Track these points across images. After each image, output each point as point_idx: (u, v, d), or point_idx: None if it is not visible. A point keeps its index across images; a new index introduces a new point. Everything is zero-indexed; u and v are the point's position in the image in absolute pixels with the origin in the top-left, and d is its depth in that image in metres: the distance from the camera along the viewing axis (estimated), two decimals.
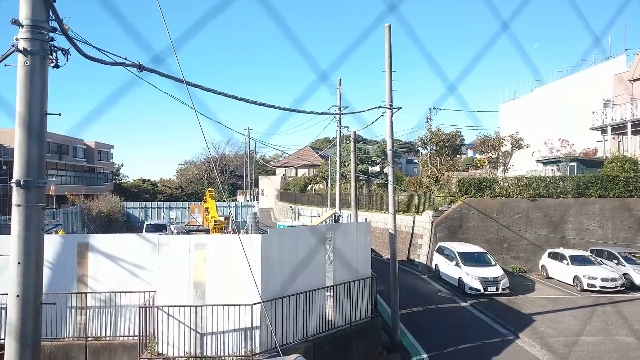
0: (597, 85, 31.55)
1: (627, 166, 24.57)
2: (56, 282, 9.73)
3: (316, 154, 60.73)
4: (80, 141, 49.01)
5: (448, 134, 35.39)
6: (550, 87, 37.59)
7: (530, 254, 22.59)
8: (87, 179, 48.64)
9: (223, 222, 24.13)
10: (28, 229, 4.72)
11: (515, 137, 29.84)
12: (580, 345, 12.43)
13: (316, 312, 10.30)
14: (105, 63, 5.36)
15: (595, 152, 31.57)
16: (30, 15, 4.70)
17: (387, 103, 13.63)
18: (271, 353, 8.84)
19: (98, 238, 10.54)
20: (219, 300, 8.96)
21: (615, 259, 19.80)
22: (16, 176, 4.72)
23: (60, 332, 9.76)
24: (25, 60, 4.71)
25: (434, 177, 31.72)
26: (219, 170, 66.48)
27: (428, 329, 14.16)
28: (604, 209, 22.96)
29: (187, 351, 8.86)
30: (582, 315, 15.18)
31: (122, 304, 9.84)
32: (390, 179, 13.95)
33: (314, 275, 10.48)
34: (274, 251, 9.52)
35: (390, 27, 13.58)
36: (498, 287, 17.58)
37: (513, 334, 13.50)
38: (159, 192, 64.72)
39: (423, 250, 23.67)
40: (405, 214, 26.35)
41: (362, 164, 43.89)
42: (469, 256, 19.19)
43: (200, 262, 9.29)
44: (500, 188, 23.66)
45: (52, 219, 26.50)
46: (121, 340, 9.71)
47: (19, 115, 4.72)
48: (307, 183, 55.93)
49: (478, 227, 22.99)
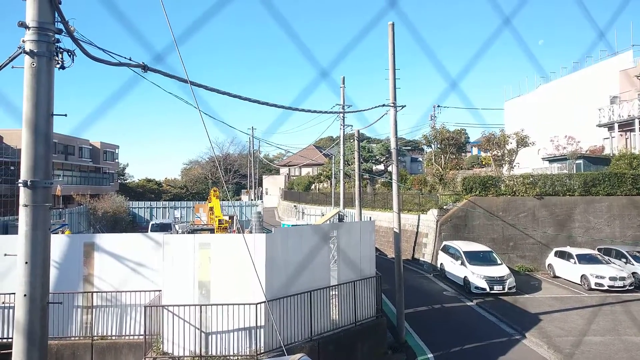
0: (603, 82, 31.25)
1: (635, 163, 24.33)
2: (63, 282, 9.80)
3: (320, 152, 60.68)
4: (86, 141, 49.33)
5: (453, 132, 35.23)
6: (555, 84, 37.29)
7: (536, 253, 22.45)
8: (92, 179, 48.95)
9: (227, 221, 24.17)
10: (35, 228, 4.76)
11: (521, 135, 29.66)
12: (588, 345, 12.33)
13: (321, 311, 10.29)
14: (110, 64, 5.38)
15: (602, 149, 31.30)
16: (37, 18, 4.72)
17: (390, 101, 13.59)
18: (276, 352, 8.85)
19: (104, 238, 10.61)
20: (223, 299, 8.98)
21: (623, 258, 19.62)
22: (23, 177, 4.75)
23: (67, 331, 9.84)
24: (31, 62, 4.74)
25: (438, 175, 31.59)
26: (223, 169, 66.65)
27: (433, 328, 14.11)
28: (612, 206, 22.77)
29: (192, 350, 8.89)
30: (589, 314, 15.06)
31: (127, 303, 9.90)
32: (394, 177, 13.91)
33: (319, 275, 10.48)
34: (278, 250, 9.53)
35: (393, 25, 13.54)
36: (504, 286, 17.48)
37: (519, 334, 13.42)
38: (163, 191, 65.01)
39: (428, 249, 23.59)
40: (410, 213, 26.27)
41: (366, 162, 43.82)
42: (474, 255, 19.11)
43: (205, 262, 9.32)
44: (505, 186, 23.53)
45: (58, 219, 26.69)
46: (127, 339, 9.77)
47: (25, 116, 4.75)
48: (311, 182, 55.94)
49: (483, 225, 22.88)
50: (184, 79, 5.85)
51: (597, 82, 31.81)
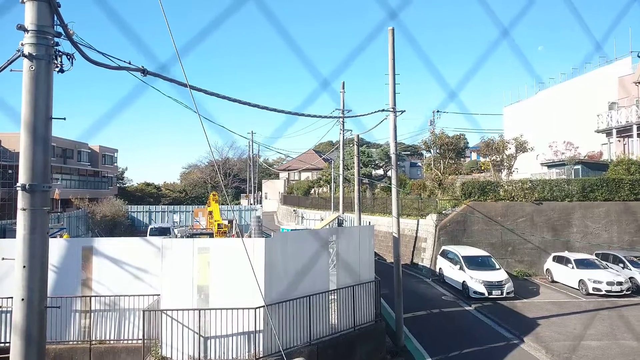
0: (601, 88, 31.39)
1: (633, 169, 24.40)
2: (61, 286, 9.77)
3: (319, 157, 60.73)
4: (84, 145, 49.32)
5: (452, 137, 35.33)
6: (554, 89, 37.44)
7: (534, 258, 22.45)
8: (91, 183, 48.91)
9: (227, 225, 24.16)
10: (33, 232, 4.75)
11: (520, 140, 29.74)
12: (585, 349, 12.32)
13: (320, 315, 10.27)
14: (110, 67, 5.40)
15: (600, 155, 31.38)
16: (36, 21, 4.74)
17: (390, 106, 13.64)
18: (275, 357, 8.83)
19: (102, 242, 10.59)
20: (222, 303, 8.96)
21: (621, 263, 19.64)
22: (21, 180, 4.75)
23: (65, 336, 9.79)
24: (30, 65, 4.75)
25: (437, 180, 31.63)
26: (222, 173, 66.63)
27: (432, 333, 14.08)
28: (610, 212, 22.81)
29: (190, 355, 8.86)
30: (587, 319, 15.05)
31: (126, 307, 9.86)
32: (393, 182, 13.94)
33: (318, 279, 10.47)
34: (277, 255, 9.52)
35: (393, 31, 13.61)
36: (502, 291, 17.47)
37: (518, 338, 13.40)
38: (162, 195, 64.92)
39: (427, 254, 23.58)
40: (409, 218, 26.27)
41: (365, 167, 43.86)
42: (473, 260, 19.10)
43: (204, 266, 9.30)
44: (504, 191, 23.56)
45: (56, 222, 26.65)
46: (125, 343, 9.73)
47: (24, 120, 4.76)
48: (311, 186, 55.94)
49: (482, 230, 22.89)
50: (184, 83, 5.87)
51: (596, 88, 31.94)
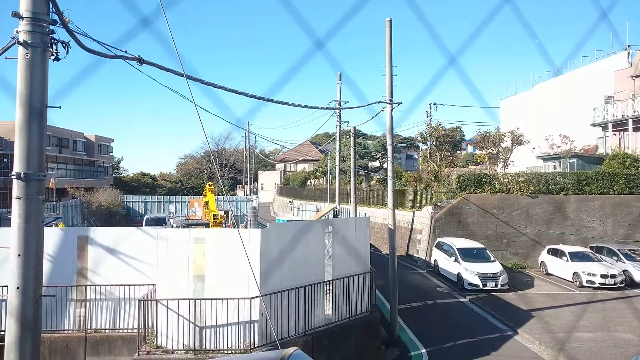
0: (598, 82, 31.44)
1: (628, 163, 24.56)
2: (56, 275, 9.76)
3: (316, 148, 60.61)
4: (80, 134, 48.97)
5: (448, 130, 35.32)
6: (551, 83, 37.46)
7: (529, 250, 22.64)
8: (87, 173, 48.64)
9: (222, 216, 24.20)
10: (28, 221, 4.73)
11: (516, 133, 29.79)
12: (579, 341, 12.49)
13: (315, 306, 10.33)
14: (106, 56, 5.34)
15: (596, 148, 31.53)
16: (31, 8, 4.68)
17: (387, 98, 13.61)
18: (270, 346, 8.89)
19: (98, 231, 10.57)
20: (218, 293, 8.99)
21: (615, 256, 19.84)
22: (16, 169, 4.72)
23: (60, 325, 9.81)
24: (25, 53, 4.70)
25: (433, 172, 31.70)
26: (218, 164, 66.46)
27: (427, 324, 14.22)
28: (604, 205, 22.98)
29: (186, 344, 8.91)
30: (581, 311, 15.24)
31: (121, 297, 9.88)
32: (389, 174, 13.95)
33: (313, 270, 10.52)
34: (273, 246, 9.54)
35: (391, 22, 13.53)
36: (497, 283, 17.63)
37: (512, 330, 13.56)
38: (158, 185, 64.71)
39: (422, 246, 23.72)
40: (405, 210, 26.37)
41: (361, 159, 43.83)
42: (468, 252, 19.24)
43: (200, 256, 9.32)
44: (500, 184, 23.67)
45: (52, 212, 26.55)
46: (120, 332, 9.76)
47: (19, 108, 4.72)
48: (307, 178, 55.92)
49: (477, 222, 23.02)
50: (180, 73, 5.82)
51: (592, 82, 32.00)
